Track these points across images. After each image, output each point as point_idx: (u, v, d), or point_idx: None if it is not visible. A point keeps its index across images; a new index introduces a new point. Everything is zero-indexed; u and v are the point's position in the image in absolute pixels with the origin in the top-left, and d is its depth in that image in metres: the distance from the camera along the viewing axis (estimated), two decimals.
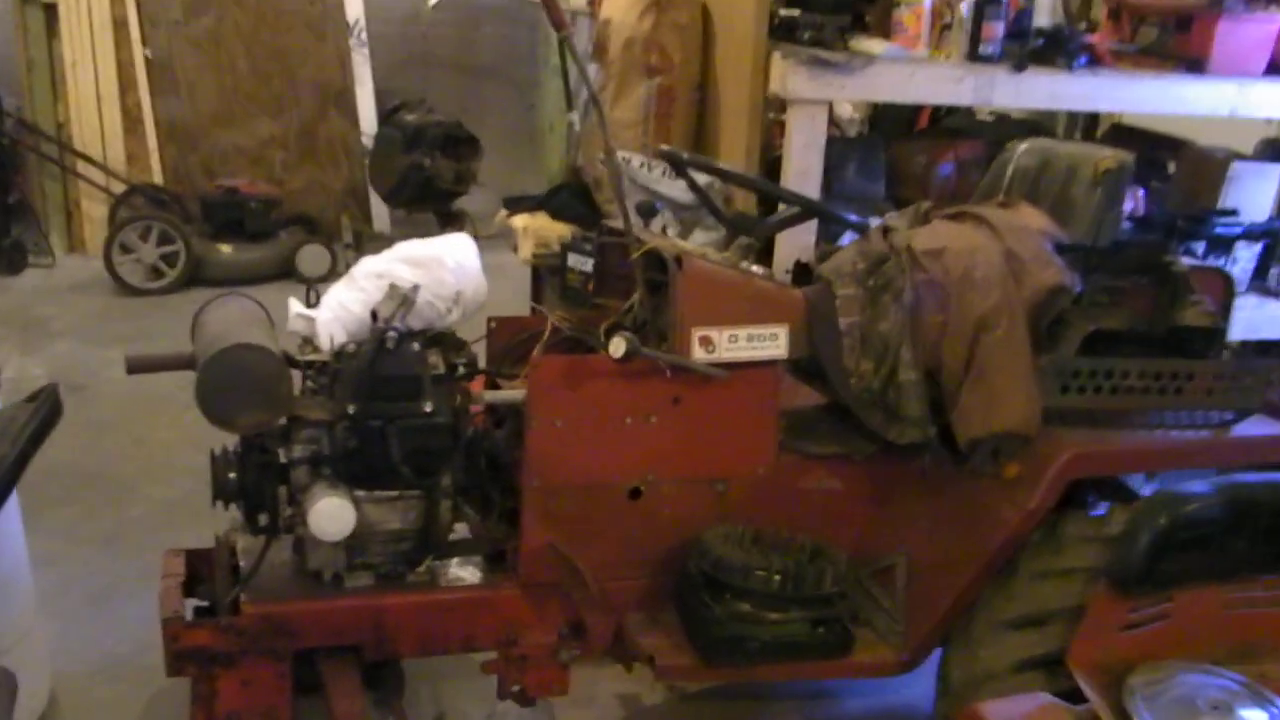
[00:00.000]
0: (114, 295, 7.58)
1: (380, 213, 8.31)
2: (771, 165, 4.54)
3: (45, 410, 2.72)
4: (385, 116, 8.15)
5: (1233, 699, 2.28)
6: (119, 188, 8.01)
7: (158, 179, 8.26)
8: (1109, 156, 3.10)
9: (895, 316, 2.83)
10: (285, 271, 7.62)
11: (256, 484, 2.78)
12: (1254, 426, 3.02)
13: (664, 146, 3.28)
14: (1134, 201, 4.81)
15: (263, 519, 2.82)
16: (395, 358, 2.65)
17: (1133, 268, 3.00)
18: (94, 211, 8.20)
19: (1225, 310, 3.13)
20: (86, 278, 7.85)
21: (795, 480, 3.03)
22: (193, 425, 5.35)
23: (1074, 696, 2.39)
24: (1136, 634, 2.42)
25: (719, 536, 2.87)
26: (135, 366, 2.83)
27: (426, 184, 7.57)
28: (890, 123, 5.74)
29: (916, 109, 5.80)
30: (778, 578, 2.79)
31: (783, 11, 4.32)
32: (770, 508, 2.99)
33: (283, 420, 2.72)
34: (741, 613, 2.80)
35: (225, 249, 7.67)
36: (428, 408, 2.69)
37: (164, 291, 7.57)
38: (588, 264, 3.25)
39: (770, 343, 2.84)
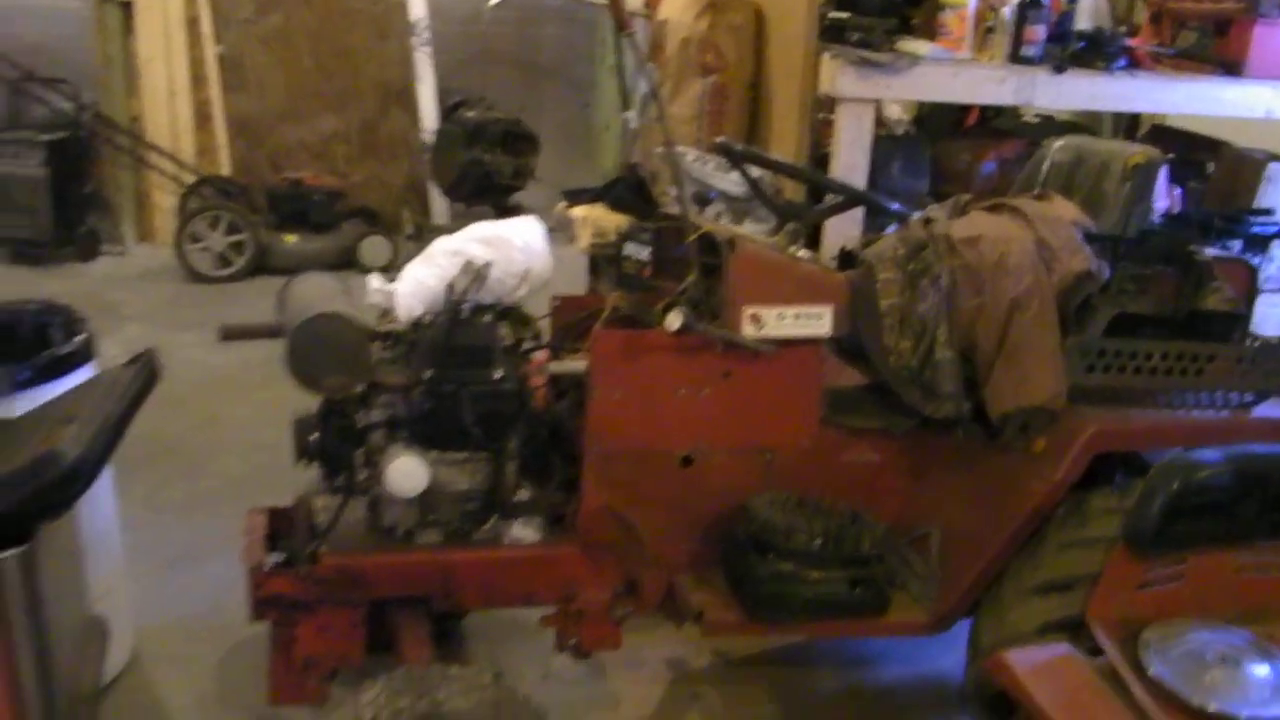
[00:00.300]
0: (183, 282, 7.84)
1: (439, 206, 8.48)
2: (820, 161, 4.73)
3: (144, 373, 2.95)
4: (446, 113, 8.31)
5: (1240, 653, 2.43)
6: (189, 179, 8.24)
7: (226, 171, 8.50)
8: (1139, 153, 3.27)
9: (933, 299, 3.01)
10: (347, 262, 7.83)
11: (336, 445, 2.98)
12: (1273, 409, 3.18)
13: (719, 139, 3.48)
14: (1170, 200, 4.96)
15: (340, 478, 3.04)
16: (468, 328, 2.87)
17: (1158, 256, 3.17)
18: (164, 202, 8.44)
19: (1248, 298, 3.30)
20: (157, 265, 8.11)
21: (837, 452, 3.20)
22: (263, 404, 5.69)
23: (1094, 655, 2.55)
24: (1152, 593, 2.57)
25: (765, 502, 3.06)
26: (228, 334, 3.04)
27: (485, 179, 7.73)
28: (938, 124, 5.90)
29: (964, 111, 5.96)
30: (819, 540, 2.98)
31: (832, 14, 4.51)
32: (813, 478, 3.17)
33: (361, 387, 2.93)
34: (784, 572, 2.98)
35: (290, 239, 7.91)
36: (497, 375, 2.90)
37: (231, 279, 7.83)
38: (643, 252, 3.43)
39: (815, 321, 3.03)
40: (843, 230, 4.22)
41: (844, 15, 4.44)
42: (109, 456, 2.68)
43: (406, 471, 2.85)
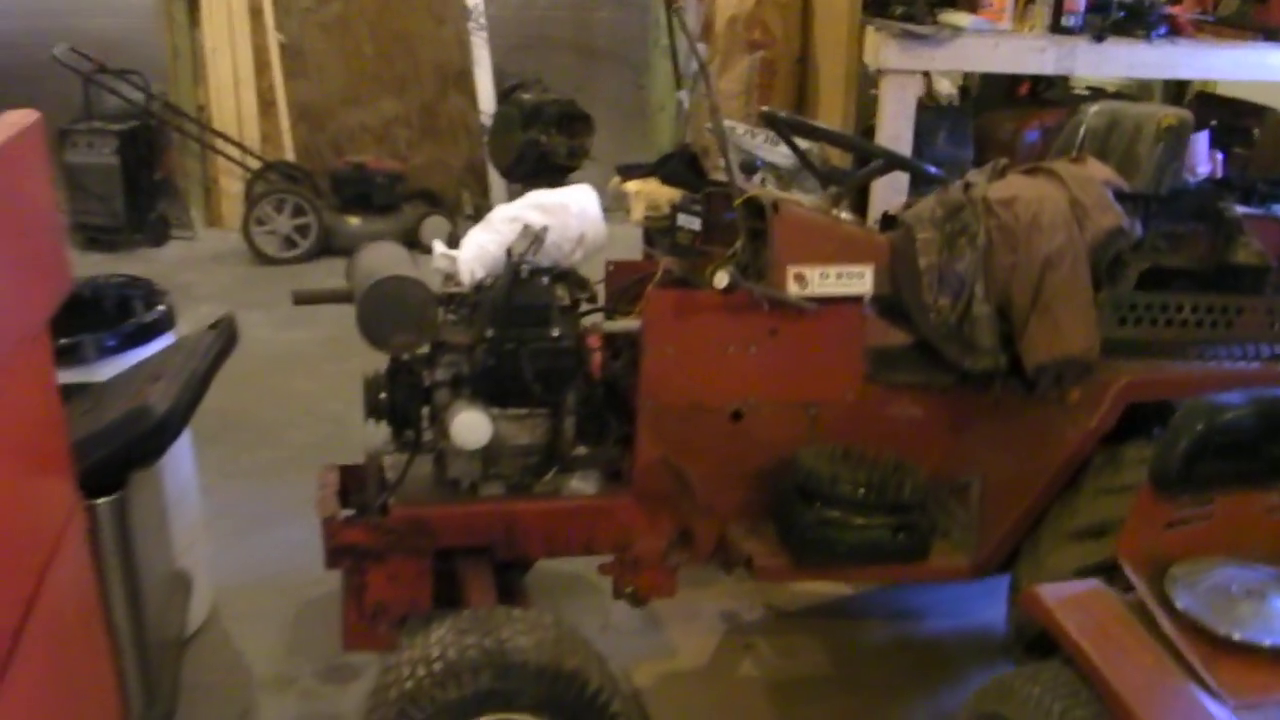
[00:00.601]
0: (251, 264, 8.07)
1: (498, 187, 8.64)
2: (867, 133, 4.85)
3: (225, 335, 3.14)
4: (503, 96, 8.46)
5: (1266, 588, 2.52)
6: (255, 165, 8.46)
7: (290, 156, 8.72)
8: (1170, 114, 3.37)
9: (970, 257, 3.14)
10: (409, 242, 7.94)
11: (403, 403, 3.16)
12: None
13: (764, 108, 3.61)
14: (1213, 165, 5.03)
15: (408, 435, 3.21)
16: (528, 288, 3.03)
17: (1190, 214, 3.27)
18: (231, 188, 8.67)
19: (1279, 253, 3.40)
20: (225, 249, 8.35)
21: (880, 407, 3.33)
22: (329, 378, 5.90)
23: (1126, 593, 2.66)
24: (1180, 532, 2.65)
25: (811, 453, 3.18)
26: (301, 299, 3.21)
27: (542, 159, 7.86)
28: (989, 97, 6.00)
29: (1015, 84, 6.05)
30: (862, 488, 3.11)
31: None
32: (858, 431, 3.29)
33: (427, 345, 3.10)
34: (830, 518, 3.12)
35: (353, 221, 8.11)
36: (555, 333, 3.06)
37: (297, 261, 8.05)
38: (695, 223, 3.59)
39: (857, 280, 3.16)
40: (889, 199, 4.34)
41: None
42: (194, 411, 2.86)
43: (471, 425, 3.01)
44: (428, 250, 3.25)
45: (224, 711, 3.55)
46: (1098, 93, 6.02)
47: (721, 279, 2.98)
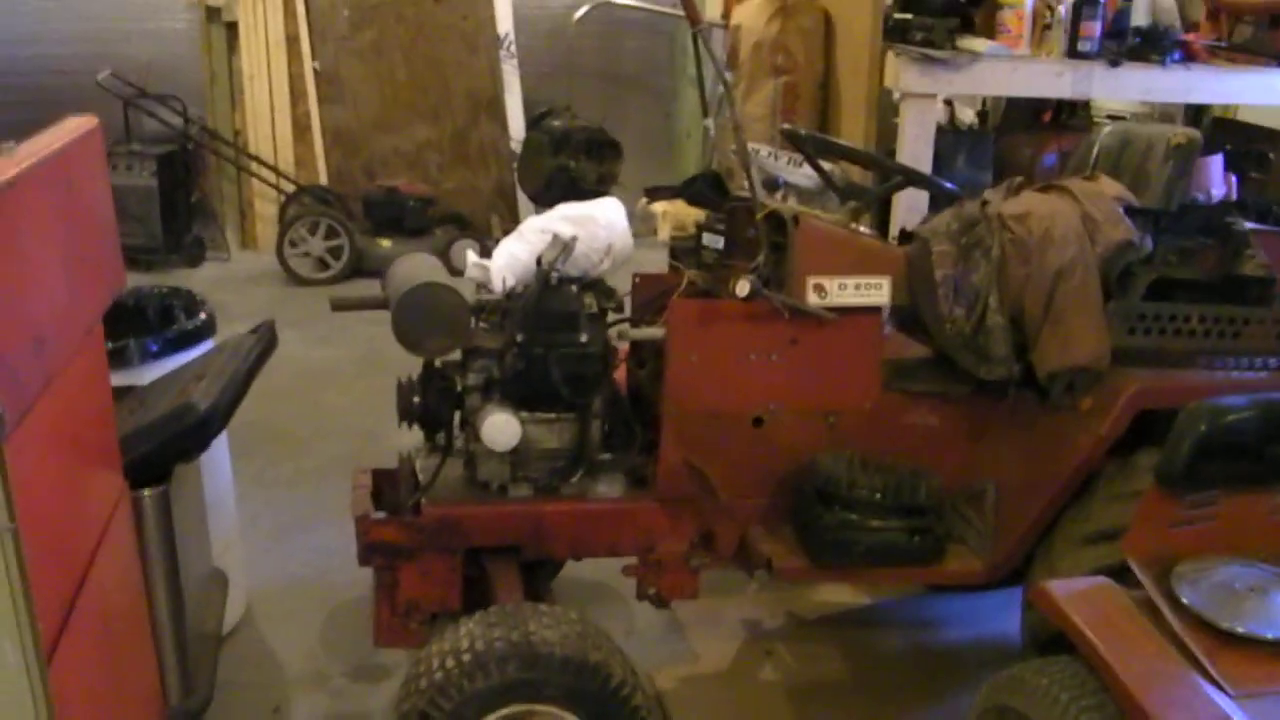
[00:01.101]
0: (284, 285, 8.22)
1: (527, 211, 8.75)
2: (888, 156, 4.94)
3: (266, 338, 3.27)
4: (533, 122, 8.57)
5: (1269, 584, 2.60)
6: (289, 188, 8.62)
7: (324, 180, 8.88)
8: (1180, 133, 3.46)
9: (984, 269, 3.23)
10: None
11: (436, 406, 3.27)
12: None
13: (786, 125, 3.72)
14: (1228, 188, 5.11)
15: (440, 437, 3.32)
16: (557, 295, 3.14)
17: (1198, 228, 3.37)
18: (265, 211, 8.84)
19: None
20: (259, 270, 8.50)
21: (898, 415, 3.41)
22: (361, 393, 6.03)
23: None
24: (1186, 531, 2.72)
25: (830, 458, 3.28)
26: (338, 305, 3.32)
27: (571, 185, 7.93)
28: (1011, 123, 6.09)
29: (1038, 111, 6.15)
30: (879, 492, 3.20)
31: (896, 15, 4.73)
32: (875, 440, 3.37)
33: (459, 353, 3.21)
34: (847, 521, 3.21)
35: (385, 243, 8.25)
36: (583, 339, 3.17)
37: (330, 282, 8.18)
38: (719, 242, 3.68)
39: (875, 291, 3.26)
40: (908, 219, 4.43)
41: (908, 16, 4.66)
42: (235, 409, 2.99)
43: (500, 427, 3.11)
44: (458, 273, 3.34)
45: (258, 707, 3.65)
46: (1117, 120, 6.11)
47: (743, 287, 3.08)
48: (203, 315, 3.78)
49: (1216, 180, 4.84)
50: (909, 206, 4.33)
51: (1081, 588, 2.67)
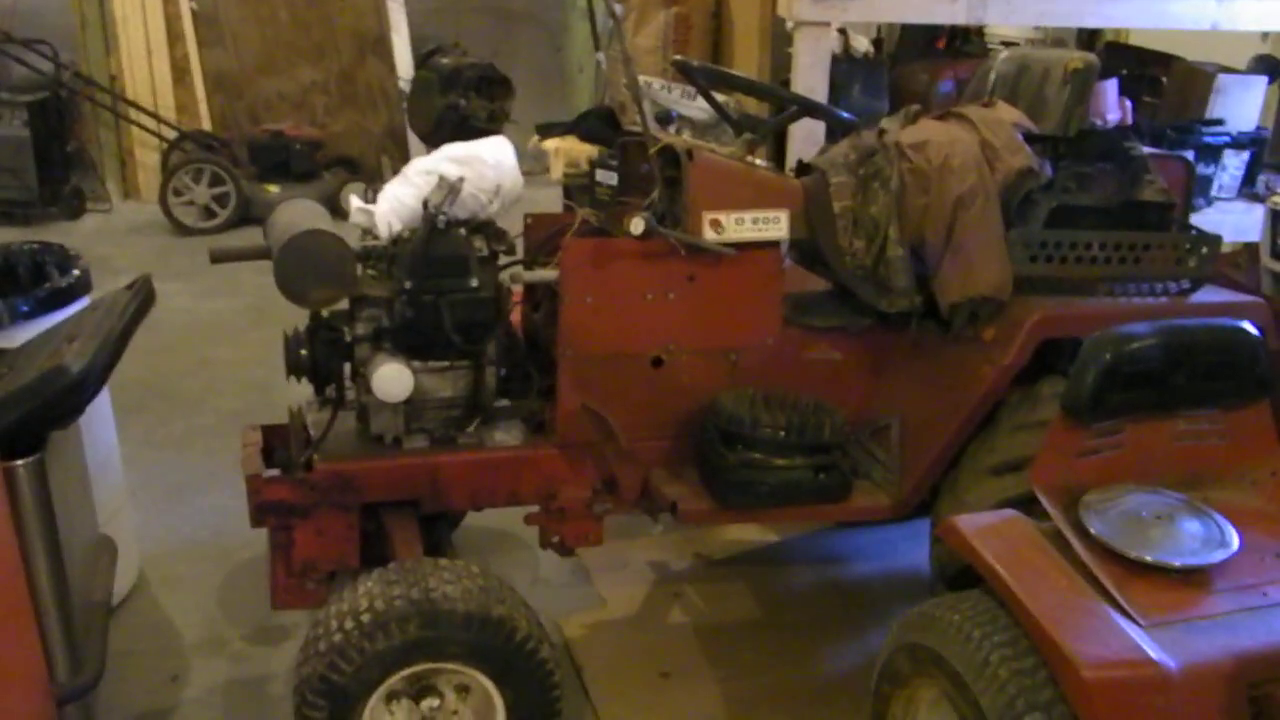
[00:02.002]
0: (170, 235, 8.00)
1: (419, 153, 8.60)
2: (783, 87, 4.87)
3: (142, 294, 3.11)
4: (421, 61, 8.44)
5: (1174, 512, 2.60)
6: (170, 135, 8.38)
7: (206, 126, 8.66)
8: (1077, 58, 3.41)
9: (883, 200, 3.17)
10: (330, 210, 7.94)
11: (324, 359, 3.16)
12: (1207, 294, 3.35)
13: (678, 57, 3.62)
14: (1122, 112, 5.11)
15: (330, 390, 3.21)
16: (445, 239, 3.02)
17: (1097, 154, 3.33)
18: (147, 159, 8.58)
19: (1186, 192, 3.47)
20: (142, 221, 8.27)
21: (799, 351, 3.37)
22: (251, 346, 5.88)
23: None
24: (1092, 460, 2.71)
25: (731, 397, 3.22)
26: (218, 256, 3.17)
27: (462, 123, 7.84)
28: (906, 51, 6.05)
29: (932, 38, 6.11)
30: (783, 430, 3.15)
31: None
32: (778, 376, 3.33)
33: (346, 302, 3.10)
34: (752, 460, 3.15)
35: (272, 189, 8.06)
36: (474, 284, 3.06)
37: (216, 230, 8.00)
38: (613, 178, 3.60)
39: (773, 225, 3.19)
40: (805, 151, 4.36)
41: None
42: (111, 370, 2.83)
43: (392, 378, 3.01)
44: (349, 217, 3.23)
45: (154, 676, 3.54)
46: (1011, 46, 6.09)
47: (637, 225, 3.00)
48: (76, 271, 3.61)
49: (1112, 105, 4.82)
50: (805, 138, 4.26)
51: (989, 521, 2.64)
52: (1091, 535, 2.50)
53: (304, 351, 3.14)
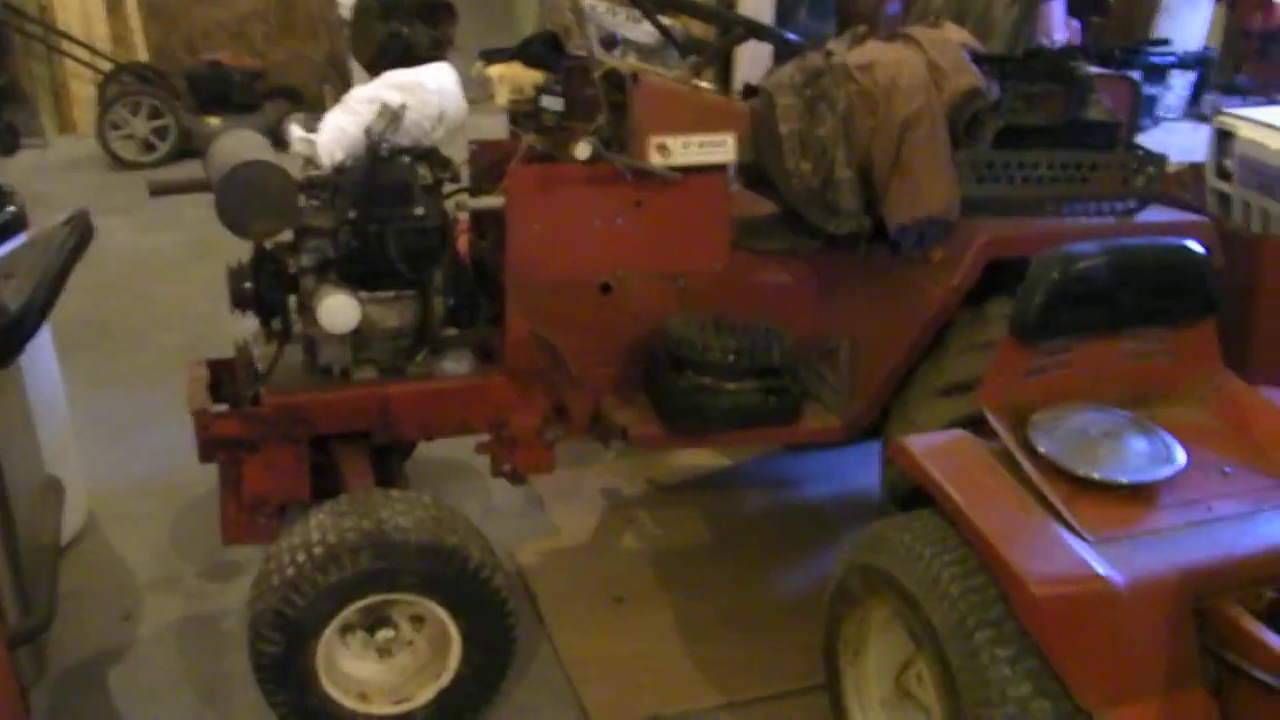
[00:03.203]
0: (108, 170, 7.87)
1: (361, 81, 8.47)
2: (728, 8, 4.83)
3: (80, 229, 3.06)
4: None
5: (1121, 429, 2.62)
6: (106, 67, 8.22)
7: (143, 57, 8.50)
8: None
9: (830, 122, 3.15)
10: (273, 141, 7.84)
11: (269, 291, 3.12)
12: (1154, 214, 3.37)
13: None
14: (1069, 32, 5.11)
15: (276, 323, 3.18)
16: (389, 167, 2.98)
17: (1044, 74, 3.31)
18: (82, 92, 8.43)
19: (1132, 111, 3.47)
20: (80, 155, 8.14)
21: (748, 275, 3.36)
22: (195, 280, 5.81)
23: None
24: (1040, 380, 2.72)
25: (680, 322, 3.21)
26: (157, 189, 3.12)
27: (405, 51, 7.72)
28: None
29: None
30: (732, 354, 3.15)
31: None
32: (727, 300, 3.32)
33: (290, 231, 3.06)
34: (702, 384, 3.15)
35: (213, 121, 7.94)
36: (419, 211, 3.02)
37: (156, 164, 7.88)
38: (558, 104, 3.55)
39: (719, 148, 3.17)
40: (752, 74, 4.33)
41: None
42: (51, 307, 2.80)
43: (337, 309, 2.98)
44: (291, 147, 3.18)
45: (106, 616, 3.52)
46: None
47: (583, 150, 2.98)
48: (11, 208, 3.53)
49: (1059, 25, 4.82)
50: (752, 61, 4.22)
51: (938, 441, 2.65)
52: (1040, 454, 2.51)
53: (248, 284, 3.11)
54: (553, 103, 3.51)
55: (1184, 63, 5.54)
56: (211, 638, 3.43)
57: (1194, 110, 5.70)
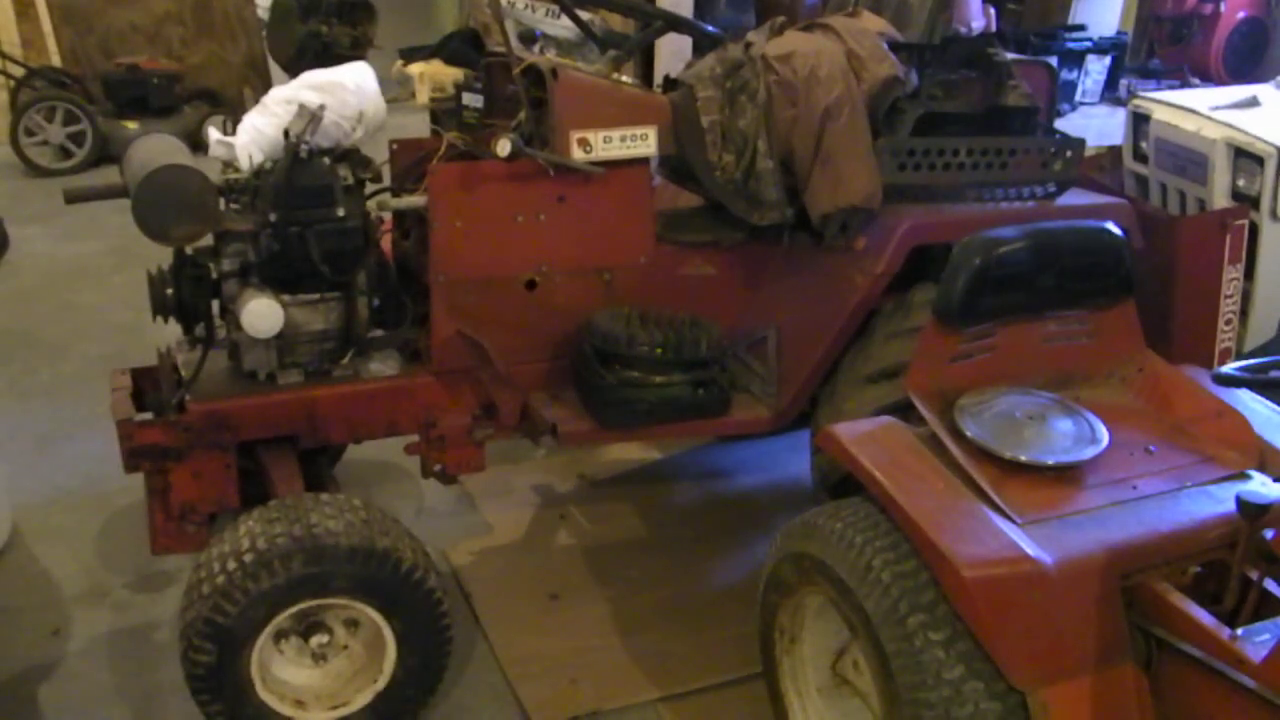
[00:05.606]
0: (25, 178, 7.74)
1: (281, 82, 8.41)
2: (648, 2, 4.82)
3: None
4: None
5: (1046, 411, 2.65)
6: (17, 72, 8.08)
7: (56, 61, 8.36)
8: None
9: (751, 113, 3.17)
10: (192, 145, 7.74)
11: (192, 297, 3.08)
12: (1073, 197, 3.42)
13: None
14: (986, 19, 5.16)
15: (199, 329, 3.14)
16: (308, 169, 2.96)
17: (962, 61, 3.36)
18: None
19: (1050, 97, 3.52)
20: None
21: (673, 268, 3.37)
22: (116, 289, 5.73)
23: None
24: (965, 364, 2.75)
25: (607, 316, 3.21)
26: (74, 196, 3.07)
27: (324, 50, 7.69)
28: None
29: None
30: (660, 348, 3.15)
31: None
32: (653, 294, 3.33)
33: (210, 236, 3.02)
34: (630, 379, 3.16)
35: (131, 125, 7.82)
36: (340, 213, 3.00)
37: (74, 171, 7.76)
38: (479, 101, 3.54)
39: (641, 142, 3.17)
40: (673, 67, 4.33)
41: None
42: None
43: (262, 313, 2.95)
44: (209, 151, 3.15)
45: (34, 631, 3.45)
46: None
47: (504, 147, 2.97)
48: None
49: (976, 12, 4.87)
50: (673, 54, 4.23)
51: (866, 428, 2.67)
52: (967, 437, 2.54)
53: (170, 291, 3.07)
54: (473, 100, 3.51)
55: (1099, 48, 5.62)
56: (143, 649, 3.38)
57: (1110, 94, 5.78)
